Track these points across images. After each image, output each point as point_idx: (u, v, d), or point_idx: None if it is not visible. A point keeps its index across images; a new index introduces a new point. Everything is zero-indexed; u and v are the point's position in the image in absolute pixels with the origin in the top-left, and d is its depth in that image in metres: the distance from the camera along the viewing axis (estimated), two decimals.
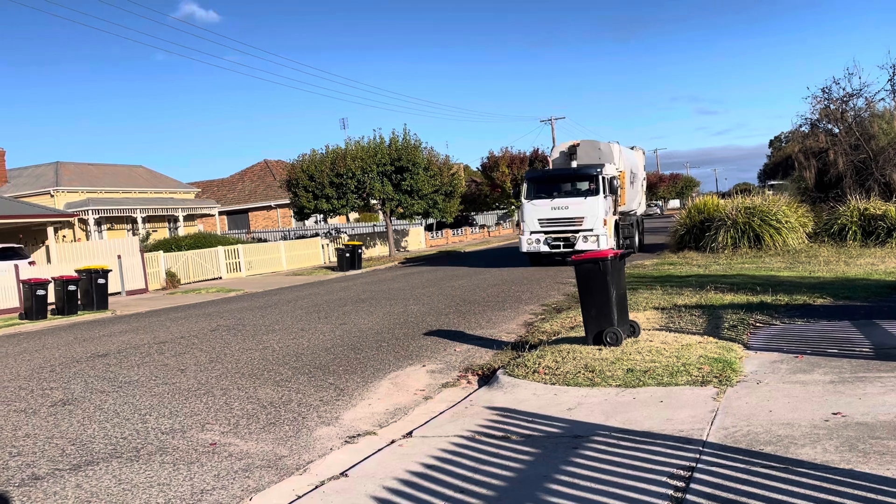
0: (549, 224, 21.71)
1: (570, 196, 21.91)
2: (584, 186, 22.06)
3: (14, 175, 39.44)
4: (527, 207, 22.14)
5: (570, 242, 21.26)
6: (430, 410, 6.90)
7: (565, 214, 21.45)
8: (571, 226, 21.42)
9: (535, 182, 22.69)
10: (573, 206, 21.44)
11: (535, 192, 22.29)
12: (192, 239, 32.11)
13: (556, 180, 22.75)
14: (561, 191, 22.29)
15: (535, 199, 22.06)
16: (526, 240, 21.98)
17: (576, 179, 22.43)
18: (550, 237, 21.62)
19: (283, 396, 7.79)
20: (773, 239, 20.76)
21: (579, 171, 22.38)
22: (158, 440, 6.45)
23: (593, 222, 21.13)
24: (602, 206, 21.18)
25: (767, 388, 6.21)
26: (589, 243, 20.79)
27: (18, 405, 8.20)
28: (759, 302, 10.80)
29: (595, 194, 21.42)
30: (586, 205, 21.30)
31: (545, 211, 21.70)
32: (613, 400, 6.30)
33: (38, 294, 17.69)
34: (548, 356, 7.89)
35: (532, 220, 21.92)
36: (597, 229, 21.03)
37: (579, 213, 21.31)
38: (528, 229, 21.99)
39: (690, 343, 8.04)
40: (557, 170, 23.80)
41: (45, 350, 12.47)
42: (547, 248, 21.64)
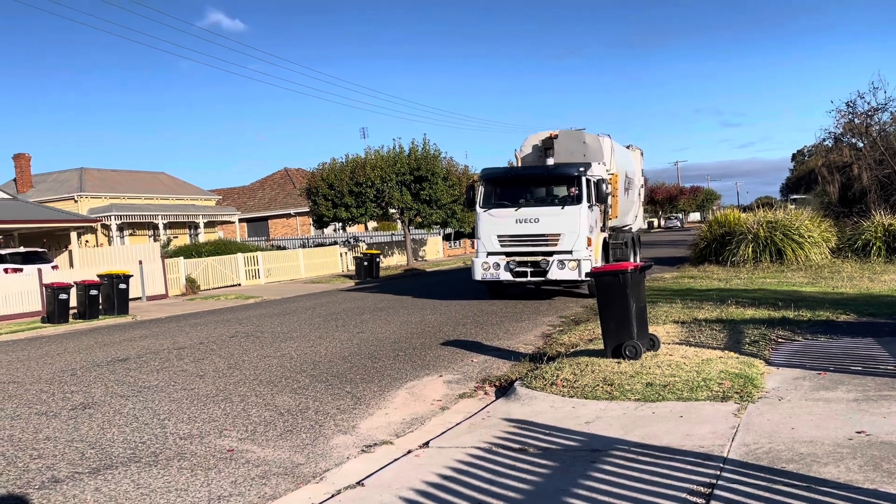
0: (512, 242, 16.09)
1: (541, 205, 16.26)
2: (561, 192, 16.46)
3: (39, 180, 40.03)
4: (482, 219, 16.35)
5: (540, 269, 15.73)
6: (447, 421, 6.88)
7: (535, 230, 15.83)
8: (543, 245, 15.82)
9: (494, 184, 16.82)
10: (546, 218, 15.78)
11: (494, 198, 16.58)
12: (213, 245, 32.38)
13: (523, 182, 17.10)
14: (530, 197, 16.63)
15: (493, 209, 16.26)
16: (480, 264, 16.17)
17: (550, 182, 16.77)
18: (514, 261, 15.91)
19: (301, 404, 7.80)
20: (795, 254, 20.52)
21: (555, 171, 16.43)
22: (177, 445, 6.48)
23: (573, 241, 15.58)
24: (585, 220, 15.63)
25: (789, 405, 6.13)
26: (566, 270, 15.44)
27: (40, 408, 8.28)
28: (780, 317, 10.67)
29: (576, 203, 15.70)
30: (564, 217, 15.67)
31: (507, 224, 16.04)
32: (632, 414, 6.24)
33: (60, 298, 17.90)
34: (566, 368, 7.85)
35: (489, 238, 16.23)
36: (577, 251, 15.51)
37: (554, 229, 15.71)
38: (485, 249, 16.27)
39: (711, 358, 7.95)
40: (525, 168, 17.67)
41: (67, 354, 12.61)
42: (509, 276, 15.93)
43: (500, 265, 16.04)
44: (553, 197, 16.58)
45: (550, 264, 15.68)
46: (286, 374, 9.50)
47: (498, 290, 17.52)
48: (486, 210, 16.40)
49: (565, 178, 16.23)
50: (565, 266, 15.52)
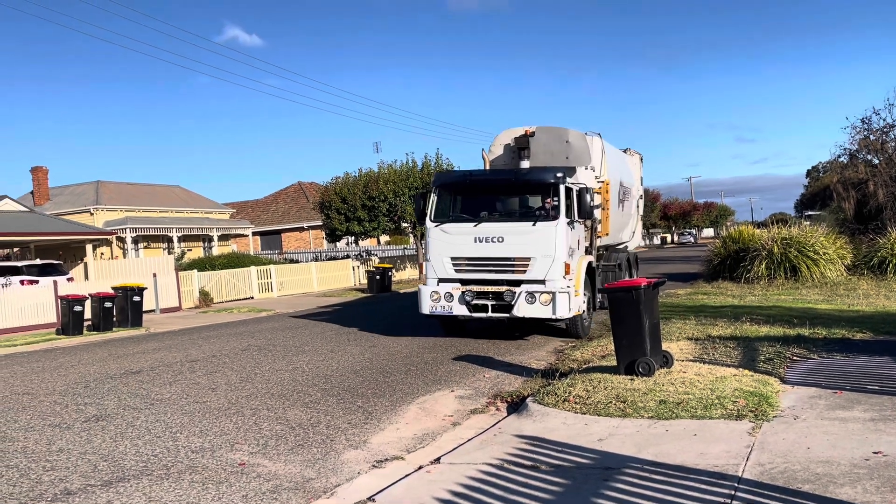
0: (469, 267, 12.62)
1: (508, 219, 12.70)
2: (533, 203, 13.08)
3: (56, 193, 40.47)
4: (433, 237, 12.91)
5: (503, 302, 12.25)
6: (459, 437, 6.86)
7: (498, 252, 12.36)
8: (508, 271, 12.37)
9: (448, 193, 13.38)
10: (513, 237, 12.31)
11: (448, 209, 13.26)
12: (226, 258, 32.56)
13: (485, 190, 13.39)
14: (493, 210, 13.11)
15: (447, 223, 12.82)
16: (429, 293, 12.74)
17: (520, 190, 13.23)
18: (471, 291, 12.47)
19: (312, 418, 7.80)
20: (810, 270, 20.36)
21: (526, 177, 12.97)
22: (188, 458, 6.49)
23: (546, 267, 12.08)
24: (563, 240, 12.15)
25: (805, 424, 6.06)
26: (537, 305, 12.03)
27: (53, 420, 8.33)
28: (795, 335, 10.58)
29: (552, 218, 12.22)
30: (535, 236, 12.19)
31: (464, 244, 12.60)
32: (645, 432, 6.19)
33: (75, 310, 18.02)
34: (578, 385, 7.81)
35: (441, 260, 12.78)
36: (552, 280, 12.07)
37: (522, 251, 12.25)
38: (435, 274, 12.86)
39: (725, 375, 7.89)
40: (488, 173, 13.89)
41: (81, 366, 12.68)
42: (464, 310, 12.52)
43: (454, 296, 12.48)
44: (523, 210, 13.07)
45: (517, 297, 12.09)
46: (298, 387, 9.50)
47: (453, 325, 13.90)
48: (438, 225, 12.85)
49: (539, 186, 12.64)
50: (536, 299, 11.97)
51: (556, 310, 11.96)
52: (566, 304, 11.97)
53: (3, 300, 20.12)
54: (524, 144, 13.95)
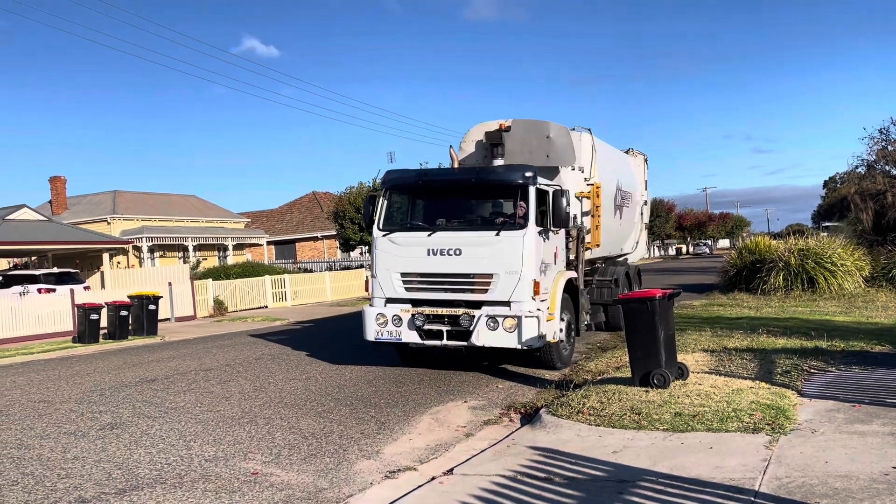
0: (422, 285, 10.66)
1: (467, 228, 10.83)
2: (497, 209, 11.31)
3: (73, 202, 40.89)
4: (380, 248, 10.93)
5: (460, 328, 10.27)
6: (472, 448, 6.83)
7: (455, 267, 10.39)
8: (467, 291, 10.40)
9: (401, 196, 11.53)
10: (472, 249, 10.34)
11: (399, 217, 11.42)
12: (241, 268, 32.72)
13: (441, 193, 11.49)
14: (451, 216, 11.16)
15: (397, 233, 10.88)
16: (374, 316, 10.75)
17: (482, 193, 11.26)
18: (423, 314, 10.48)
19: (325, 428, 7.80)
20: (827, 282, 20.16)
21: (489, 178, 10.78)
22: (202, 467, 6.50)
23: (511, 286, 10.10)
24: (532, 253, 10.17)
25: (823, 438, 5.98)
26: (500, 332, 10.04)
27: (69, 427, 8.38)
28: (813, 347, 10.46)
29: (519, 226, 10.29)
30: (499, 248, 10.23)
31: (416, 257, 10.62)
32: (660, 444, 6.13)
33: (91, 318, 18.16)
34: (592, 396, 7.75)
35: (389, 276, 10.79)
36: (518, 301, 10.08)
37: (483, 266, 10.29)
38: (382, 294, 10.87)
39: (741, 388, 7.81)
40: (445, 173, 12.38)
41: (96, 374, 12.76)
42: (415, 337, 10.52)
43: (403, 320, 10.50)
44: (486, 217, 11.20)
45: (476, 321, 10.07)
46: (311, 396, 9.51)
47: (410, 353, 11.72)
48: (387, 234, 10.82)
49: (504, 188, 10.72)
50: (498, 325, 9.98)
51: (521, 337, 9.85)
52: (534, 330, 9.88)
53: (20, 308, 20.32)
54: (497, 140, 11.89)
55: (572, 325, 11.52)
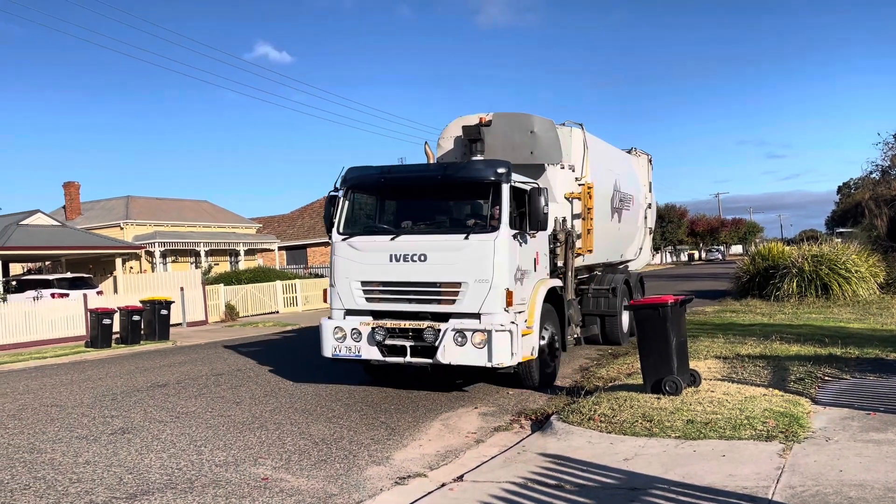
0: (384, 294, 9.66)
1: (433, 231, 9.74)
2: (467, 210, 10.14)
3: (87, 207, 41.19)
4: (339, 254, 9.93)
5: (424, 343, 9.23)
6: (482, 454, 6.80)
7: (419, 275, 9.39)
8: (433, 301, 9.39)
9: (362, 194, 10.51)
10: (438, 255, 9.32)
11: (361, 219, 10.52)
12: (252, 273, 32.82)
13: (407, 193, 10.43)
14: (418, 218, 10.08)
15: (357, 236, 9.89)
16: (332, 329, 9.82)
17: (450, 193, 10.04)
18: (384, 327, 9.46)
19: (335, 433, 7.79)
20: (841, 289, 19.99)
21: (458, 174, 9.62)
22: (212, 472, 6.51)
23: (481, 296, 9.06)
24: (505, 259, 9.13)
25: (837, 446, 5.91)
26: (469, 348, 9.00)
27: (80, 432, 8.41)
28: (827, 354, 10.36)
29: (490, 229, 9.25)
30: (468, 253, 9.18)
31: (377, 264, 9.61)
32: (672, 452, 6.08)
33: (104, 323, 18.26)
34: (604, 403, 7.71)
35: (348, 285, 9.79)
36: (489, 314, 9.02)
37: (450, 274, 9.26)
38: (341, 304, 9.89)
39: (754, 395, 7.74)
40: (409, 169, 10.37)
41: (108, 378, 12.82)
42: (376, 353, 9.52)
43: (363, 334, 9.51)
44: (455, 218, 10.03)
45: (442, 336, 9.04)
46: (321, 401, 9.51)
47: (373, 369, 10.73)
48: (346, 238, 9.87)
49: (473, 186, 9.58)
50: (467, 340, 8.95)
51: (491, 355, 8.84)
52: (506, 346, 8.83)
53: (34, 313, 20.47)
54: (476, 135, 10.99)
55: (556, 340, 10.40)
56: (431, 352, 9.19)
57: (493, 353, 8.89)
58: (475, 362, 9.02)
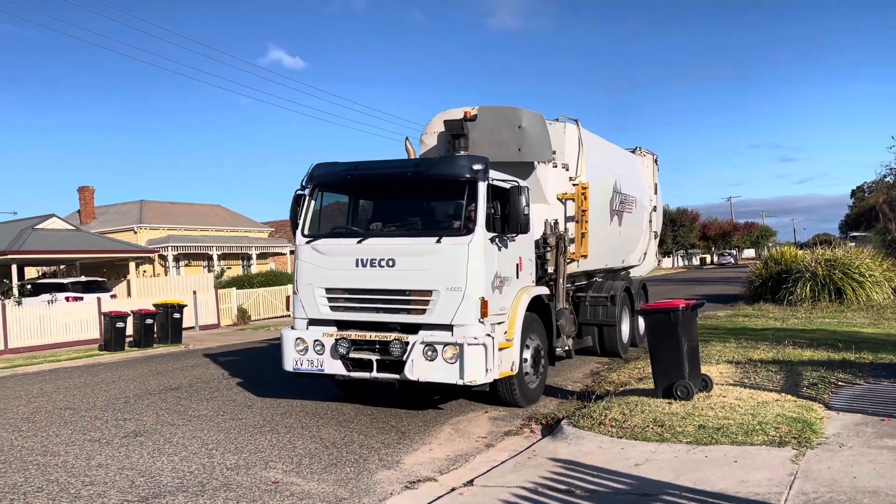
0: (349, 303, 8.88)
1: (403, 234, 9.00)
2: (441, 210, 9.38)
3: (101, 212, 41.51)
4: (303, 258, 9.17)
5: (391, 357, 8.42)
6: (492, 459, 6.79)
7: (387, 282, 8.60)
8: (402, 311, 8.60)
9: (329, 192, 9.72)
10: (408, 260, 8.53)
11: (328, 220, 9.78)
12: (264, 277, 32.95)
13: (377, 191, 9.76)
14: (389, 219, 9.43)
15: (321, 239, 9.15)
16: (293, 341, 9.03)
17: (423, 191, 9.32)
18: (349, 338, 8.69)
19: (346, 437, 7.80)
20: (855, 293, 19.85)
21: (430, 171, 8.91)
22: (223, 476, 6.53)
23: (453, 307, 8.26)
24: (481, 264, 8.35)
25: (851, 452, 5.86)
26: (439, 363, 8.18)
27: (93, 434, 8.47)
28: (840, 359, 10.28)
29: (464, 231, 8.46)
30: (439, 259, 8.41)
31: (343, 270, 8.83)
32: (684, 457, 6.05)
33: (117, 326, 18.38)
34: (615, 408, 7.68)
35: (312, 293, 9.01)
36: (462, 325, 8.22)
37: (420, 281, 8.47)
38: (304, 314, 9.10)
39: (767, 400, 7.69)
40: (379, 165, 9.29)
41: (121, 381, 12.90)
42: (340, 367, 8.72)
43: (325, 346, 8.74)
44: (430, 220, 9.22)
45: (410, 350, 8.26)
46: (332, 405, 9.52)
47: (344, 384, 9.89)
48: (310, 241, 9.14)
49: (448, 184, 8.75)
50: (437, 354, 8.14)
51: (463, 371, 7.99)
52: (480, 361, 8.00)
53: (48, 316, 20.65)
54: (459, 131, 10.30)
55: (542, 353, 9.56)
56: (399, 367, 8.35)
57: (465, 370, 8.02)
58: (446, 379, 8.17)
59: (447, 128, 10.51)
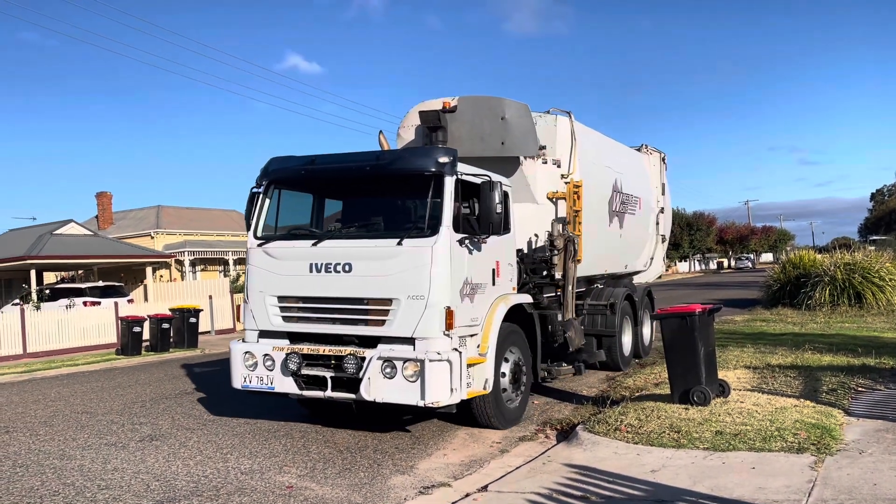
0: (302, 313, 8.05)
1: (361, 235, 8.16)
2: (404, 209, 8.51)
3: (119, 217, 41.92)
4: (254, 262, 8.36)
5: (346, 374, 7.50)
6: (507, 464, 6.75)
7: (344, 289, 7.73)
8: (358, 322, 7.74)
9: (285, 188, 8.73)
10: (366, 265, 7.65)
11: (284, 220, 8.73)
12: None
13: (336, 187, 8.84)
14: (349, 218, 8.79)
15: (274, 242, 8.31)
16: (242, 355, 8.20)
17: (386, 188, 8.45)
18: (300, 352, 7.78)
19: (360, 442, 7.79)
20: (875, 297, 19.59)
21: (392, 165, 7.98)
22: (238, 480, 6.54)
23: (415, 318, 7.34)
24: (445, 269, 7.41)
25: (871, 459, 5.77)
26: (398, 381, 7.27)
27: (110, 438, 8.52)
28: (860, 364, 10.14)
29: (429, 232, 7.51)
30: (400, 264, 7.48)
31: (297, 276, 8.00)
32: (701, 464, 5.98)
33: (134, 331, 18.52)
34: (630, 413, 7.62)
35: (263, 301, 8.17)
36: (424, 339, 7.30)
37: (379, 289, 7.57)
38: (255, 324, 8.27)
39: (785, 406, 7.59)
40: (337, 159, 8.31)
41: (138, 385, 12.98)
42: (292, 385, 7.83)
43: (276, 361, 7.90)
44: (394, 219, 8.32)
45: (367, 366, 7.38)
46: (346, 409, 9.50)
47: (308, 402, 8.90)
48: (262, 244, 8.28)
49: (412, 179, 7.88)
50: (397, 371, 7.27)
51: (425, 392, 7.10)
52: (444, 380, 7.12)
53: (66, 321, 20.84)
54: (435, 123, 9.39)
55: (523, 368, 8.65)
56: (353, 384, 7.45)
57: (426, 390, 7.10)
58: (405, 400, 7.24)
59: (422, 120, 9.58)
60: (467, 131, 9.51)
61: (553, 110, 10.40)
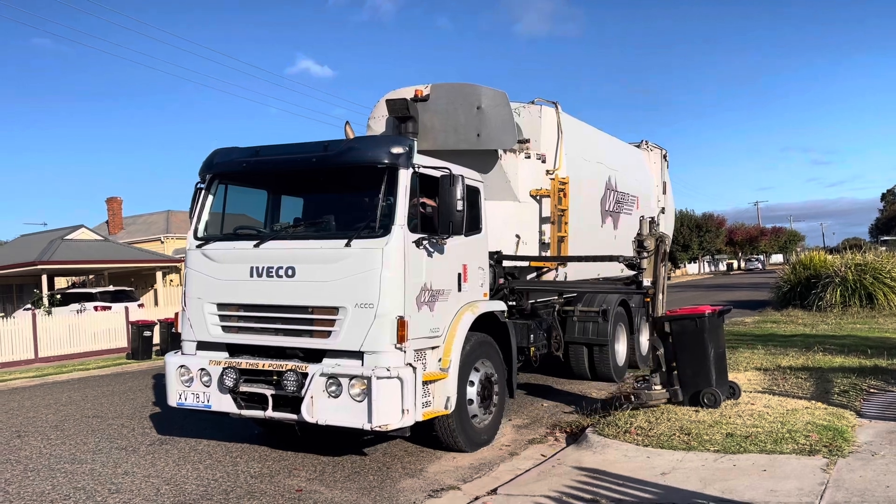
0: (242, 322, 7.21)
1: (307, 235, 7.20)
2: (356, 206, 7.42)
3: (129, 222, 42.14)
4: (192, 265, 7.50)
5: (286, 392, 6.64)
6: (516, 467, 6.74)
7: (285, 296, 6.86)
8: (301, 333, 6.86)
9: (229, 182, 7.87)
10: (310, 269, 6.77)
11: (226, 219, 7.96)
12: None
13: (283, 182, 8.06)
14: (300, 217, 8.04)
15: (214, 244, 7.45)
16: (176, 368, 7.34)
17: (337, 182, 7.64)
18: (238, 368, 6.95)
19: (368, 445, 7.79)
20: (887, 298, 19.47)
21: (341, 157, 6.99)
22: (247, 484, 6.55)
23: (363, 329, 6.45)
24: (399, 275, 6.54)
25: (884, 461, 5.73)
26: (344, 400, 6.39)
27: (120, 442, 8.55)
28: (872, 366, 10.07)
29: (380, 232, 6.63)
30: (347, 267, 6.58)
31: (237, 282, 7.10)
32: (711, 466, 5.95)
33: (144, 335, 18.61)
34: (640, 416, 7.59)
35: (201, 309, 7.28)
36: (373, 353, 6.42)
37: (323, 296, 6.69)
38: (193, 335, 7.38)
39: (796, 408, 7.55)
40: (282, 150, 7.40)
41: (148, 390, 13.03)
42: (230, 403, 7.01)
43: (213, 376, 7.11)
44: (344, 218, 7.30)
45: (308, 383, 6.57)
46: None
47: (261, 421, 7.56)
48: (202, 245, 7.52)
49: (363, 172, 7.10)
50: (342, 389, 6.46)
51: (371, 414, 6.27)
52: (395, 400, 6.31)
53: (77, 325, 20.95)
54: (404, 112, 8.58)
55: (495, 383, 7.79)
56: (295, 403, 6.65)
57: (373, 411, 6.25)
58: (351, 423, 6.41)
59: (389, 109, 8.74)
60: (440, 122, 8.75)
61: (538, 101, 9.69)
